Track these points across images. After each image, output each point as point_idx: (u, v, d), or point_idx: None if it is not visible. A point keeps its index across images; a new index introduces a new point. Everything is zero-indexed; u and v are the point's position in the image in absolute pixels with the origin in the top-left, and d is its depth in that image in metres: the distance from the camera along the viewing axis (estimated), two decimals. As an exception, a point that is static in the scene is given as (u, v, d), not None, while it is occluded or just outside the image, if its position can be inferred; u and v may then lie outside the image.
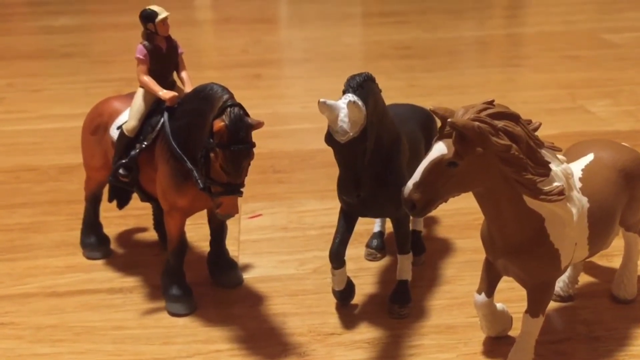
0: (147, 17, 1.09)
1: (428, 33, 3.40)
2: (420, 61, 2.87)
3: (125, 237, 1.40)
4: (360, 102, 0.92)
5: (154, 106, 1.12)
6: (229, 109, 0.96)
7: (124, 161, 1.12)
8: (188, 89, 1.12)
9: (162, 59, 1.12)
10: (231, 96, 0.99)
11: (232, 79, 2.59)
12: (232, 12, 4.10)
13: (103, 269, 1.29)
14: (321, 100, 0.91)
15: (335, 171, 1.02)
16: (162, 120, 1.10)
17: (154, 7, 1.10)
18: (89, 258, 1.31)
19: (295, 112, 2.23)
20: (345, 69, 2.80)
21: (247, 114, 0.98)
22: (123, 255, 1.34)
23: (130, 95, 1.19)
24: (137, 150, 1.11)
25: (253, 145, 0.97)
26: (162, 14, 1.09)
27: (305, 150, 1.88)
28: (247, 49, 3.16)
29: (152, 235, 1.38)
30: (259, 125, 0.97)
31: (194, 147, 1.03)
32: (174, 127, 1.07)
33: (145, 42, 1.11)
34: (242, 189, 0.99)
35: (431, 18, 3.77)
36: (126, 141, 1.12)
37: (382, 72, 2.72)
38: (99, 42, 3.33)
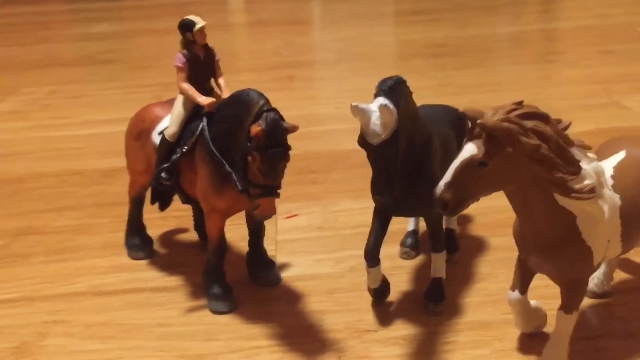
0: (186, 26, 1.14)
1: (461, 30, 3.40)
2: (453, 59, 2.88)
3: (167, 238, 1.45)
4: (391, 105, 0.95)
5: (193, 112, 1.17)
6: (265, 114, 1.00)
7: (165, 165, 1.16)
8: (225, 94, 1.16)
9: (200, 66, 1.16)
10: (267, 101, 1.03)
11: (266, 82, 2.65)
12: (265, 15, 4.16)
13: (147, 268, 1.34)
14: (353, 104, 0.94)
15: (368, 171, 1.04)
16: (201, 125, 1.14)
17: (192, 17, 1.15)
18: (133, 258, 1.36)
19: (329, 113, 2.27)
20: (377, 69, 2.83)
21: (282, 118, 1.02)
22: (165, 255, 1.39)
23: (170, 102, 1.23)
24: (178, 155, 1.15)
25: (289, 148, 1.01)
26: (200, 23, 1.13)
27: (339, 150, 1.91)
28: (279, 51, 3.21)
29: (192, 235, 1.43)
30: (294, 129, 1.01)
31: (232, 151, 1.07)
32: (213, 132, 1.11)
33: (184, 51, 1.15)
34: (278, 191, 1.03)
35: (464, 15, 3.76)
36: (168, 146, 1.16)
37: (414, 71, 2.74)
38: (136, 47, 3.42)
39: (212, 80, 1.20)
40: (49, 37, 3.68)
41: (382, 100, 0.95)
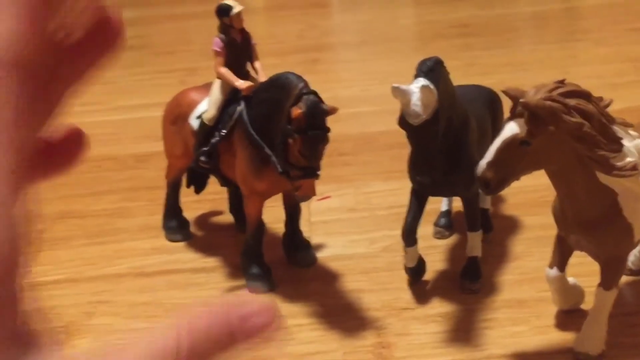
0: (223, 11, 1.15)
1: (484, 10, 3.37)
2: (478, 39, 2.86)
3: (203, 220, 1.48)
4: (432, 86, 0.96)
5: (231, 96, 1.18)
6: (304, 97, 1.01)
7: (205, 148, 1.18)
8: (262, 78, 1.17)
9: (237, 50, 1.17)
10: (306, 84, 1.04)
11: (290, 65, 2.62)
12: (285, -2, 4.15)
13: (185, 250, 1.37)
14: (394, 85, 0.95)
15: (397, 152, 1.06)
16: (238, 109, 1.16)
17: (229, 1, 1.15)
18: (170, 240, 1.39)
19: (355, 95, 2.27)
20: (401, 51, 2.83)
21: (322, 101, 1.03)
22: (202, 237, 1.42)
23: (207, 86, 1.25)
24: (217, 138, 1.17)
25: (328, 130, 1.02)
26: (237, 8, 1.14)
27: (368, 132, 1.92)
28: (302, 34, 3.20)
29: (228, 217, 1.45)
30: (333, 110, 1.02)
31: (271, 133, 1.08)
32: (252, 115, 1.13)
33: (222, 35, 1.16)
34: (318, 172, 1.04)
35: (486, -6, 3.72)
36: (206, 130, 1.18)
37: (439, 52, 2.69)
38: (159, 33, 3.43)
39: (249, 64, 1.22)
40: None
41: (422, 81, 0.96)
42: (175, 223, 1.39)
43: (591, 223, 0.93)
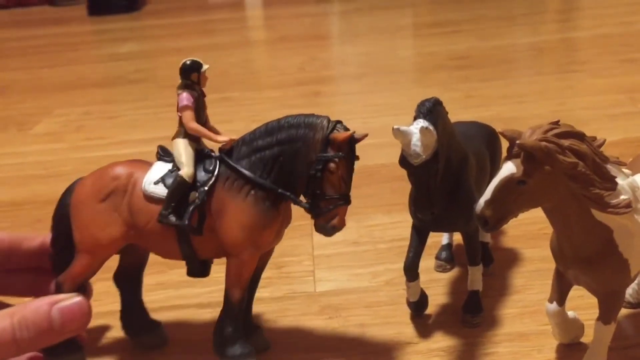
0: (193, 68, 1.09)
1: (482, 42, 3.43)
2: (476, 71, 2.91)
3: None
4: (431, 127, 0.99)
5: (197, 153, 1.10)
6: (338, 125, 1.04)
7: (196, 204, 1.06)
8: (221, 138, 1.10)
9: (200, 110, 1.10)
10: (329, 117, 1.05)
11: (292, 98, 2.70)
12: (285, 31, 4.22)
13: (190, 285, 1.38)
14: (395, 127, 0.98)
15: (398, 185, 1.08)
16: (217, 162, 1.08)
17: (195, 59, 1.10)
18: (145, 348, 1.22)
19: (356, 128, 2.27)
20: (401, 83, 2.87)
21: None
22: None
23: (132, 162, 1.14)
24: (204, 194, 1.06)
25: (358, 157, 1.06)
26: (205, 65, 1.10)
27: (369, 165, 1.95)
28: (303, 66, 3.26)
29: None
30: (364, 137, 1.06)
31: (287, 174, 1.05)
32: (249, 163, 1.06)
33: (188, 90, 1.09)
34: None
35: (483, 26, 3.79)
36: (185, 188, 1.07)
37: (438, 83, 2.77)
38: (163, 67, 3.49)
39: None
40: (77, 59, 3.77)
41: (422, 122, 0.99)
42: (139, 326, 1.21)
43: (588, 259, 0.95)
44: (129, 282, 1.21)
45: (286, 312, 1.26)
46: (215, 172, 1.07)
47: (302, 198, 1.06)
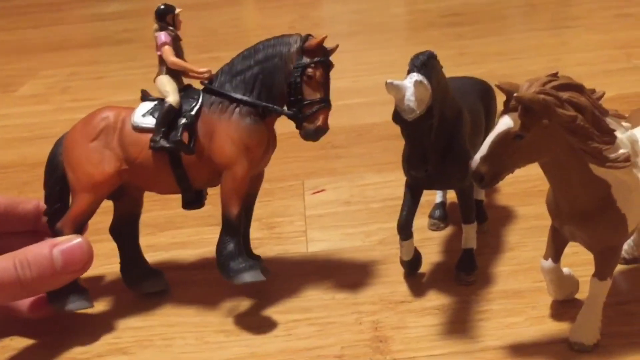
0: (166, 10, 1.15)
1: (475, -3, 3.37)
2: (469, 27, 2.86)
3: (194, 215, 1.47)
4: (425, 81, 0.96)
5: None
6: (309, 37, 1.12)
7: (187, 121, 1.11)
8: (201, 69, 1.15)
9: (177, 49, 1.16)
10: (299, 33, 1.12)
11: (282, 57, 2.65)
12: (276, -12, 4.12)
13: (180, 247, 1.37)
14: (388, 81, 0.95)
15: (390, 144, 1.06)
16: (199, 92, 1.14)
17: (168, 2, 1.16)
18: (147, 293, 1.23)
19: (347, 87, 2.26)
20: (393, 40, 2.82)
21: None
22: (197, 234, 1.42)
23: (118, 107, 1.18)
24: (192, 116, 1.11)
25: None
26: (178, 8, 1.16)
27: (360, 124, 1.92)
28: (293, 25, 3.19)
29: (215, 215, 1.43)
30: (335, 48, 1.15)
31: (271, 88, 1.11)
32: (231, 86, 1.12)
33: (167, 29, 1.15)
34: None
35: (477, -19, 3.71)
36: (173, 114, 1.11)
37: (430, 41, 2.72)
38: (150, 26, 3.41)
39: None
40: (62, 19, 3.68)
41: (416, 76, 0.96)
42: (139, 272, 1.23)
43: (585, 214, 0.93)
44: (125, 232, 1.22)
45: (278, 273, 1.25)
46: (200, 99, 1.13)
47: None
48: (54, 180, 1.18)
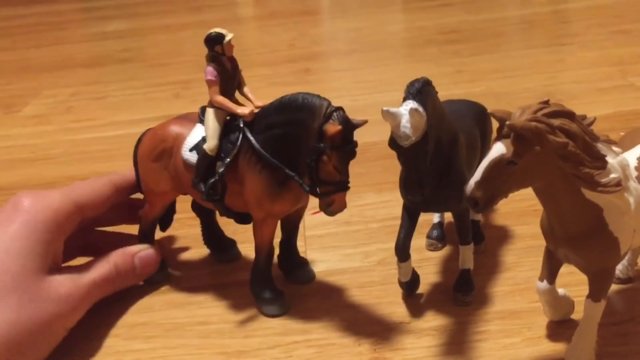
0: (215, 39, 1.13)
1: (472, 15, 3.41)
2: (467, 45, 2.89)
3: (199, 236, 1.49)
4: (420, 108, 0.98)
5: (227, 124, 1.17)
6: (335, 114, 1.05)
7: (214, 179, 1.15)
8: (257, 103, 1.17)
9: (228, 78, 1.16)
10: (329, 102, 1.06)
11: (282, 75, 2.68)
12: (275, 7, 4.17)
13: (183, 268, 1.39)
14: (384, 108, 0.97)
15: (389, 163, 1.07)
16: (240, 135, 1.15)
17: (219, 30, 1.15)
18: (149, 283, 1.33)
19: (346, 106, 2.24)
20: (391, 58, 2.85)
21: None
22: (199, 254, 1.43)
23: (186, 117, 1.24)
24: (223, 168, 1.15)
25: (356, 144, 1.07)
26: (228, 35, 1.14)
27: (359, 143, 1.92)
28: (294, 43, 3.23)
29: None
30: (363, 123, 1.07)
31: (293, 154, 1.09)
32: (263, 139, 1.12)
33: (213, 64, 1.14)
34: (349, 184, 1.08)
35: (474, -1, 3.76)
36: (208, 160, 1.16)
37: (428, 59, 2.76)
38: (152, 45, 3.45)
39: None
40: (64, 38, 3.73)
41: (411, 103, 0.98)
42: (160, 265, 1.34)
43: (578, 238, 0.95)
44: (203, 208, 1.33)
45: (279, 294, 1.26)
46: (237, 144, 1.15)
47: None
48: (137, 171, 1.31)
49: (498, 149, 0.89)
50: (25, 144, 2.20)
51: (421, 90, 1.00)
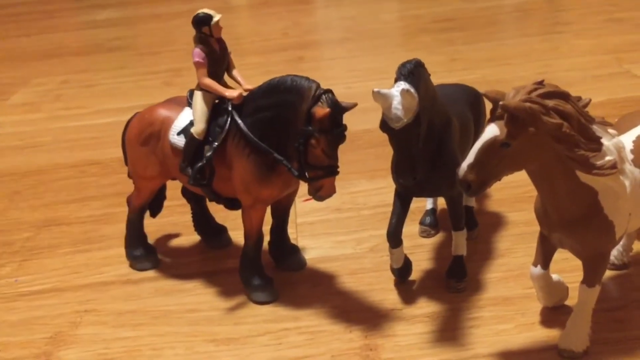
0: (203, 20, 1.11)
1: (467, 3, 3.38)
2: (461, 33, 2.87)
3: (190, 223, 1.47)
4: (412, 89, 0.96)
5: (215, 107, 1.15)
6: (324, 97, 1.02)
7: (201, 164, 1.13)
8: (246, 86, 1.15)
9: (217, 60, 1.14)
10: (319, 84, 1.04)
11: (275, 64, 2.65)
12: (268, -5, 4.13)
13: (171, 255, 1.37)
14: (375, 89, 0.95)
15: (381, 151, 1.06)
16: (228, 119, 1.12)
17: (207, 10, 1.13)
18: (140, 270, 1.31)
19: (339, 93, 2.21)
20: (385, 47, 2.83)
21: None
22: (189, 241, 1.41)
23: (174, 100, 1.22)
24: (211, 152, 1.12)
25: (346, 127, 1.04)
26: (216, 16, 1.12)
27: (352, 131, 1.87)
28: (287, 31, 3.20)
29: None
30: (353, 107, 1.04)
31: (280, 138, 1.07)
32: (251, 122, 1.10)
33: (201, 46, 1.12)
34: (338, 169, 1.06)
35: (469, -13, 3.73)
36: (196, 144, 1.13)
37: (422, 47, 2.73)
38: (143, 33, 3.42)
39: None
40: (55, 27, 3.68)
41: (403, 84, 0.96)
42: (142, 251, 1.31)
43: (573, 222, 0.93)
44: (193, 194, 1.30)
45: (269, 281, 1.25)
46: (226, 128, 1.12)
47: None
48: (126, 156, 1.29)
49: (491, 130, 0.87)
50: (14, 131, 2.17)
51: (413, 72, 0.98)
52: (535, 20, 3.07)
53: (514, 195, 1.46)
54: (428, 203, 1.39)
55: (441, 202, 1.39)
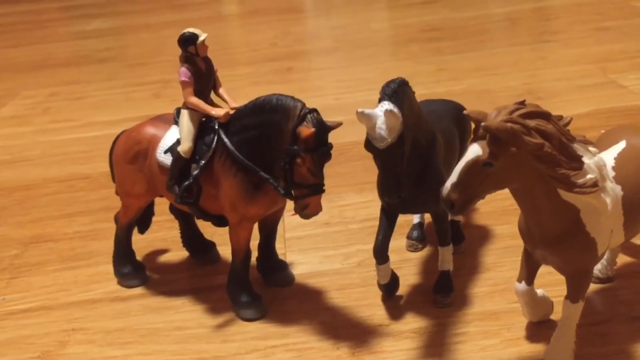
0: (188, 40, 1.12)
1: (455, 13, 3.41)
2: (449, 43, 2.89)
3: (178, 240, 1.47)
4: (396, 110, 0.97)
5: (202, 125, 1.15)
6: (309, 116, 1.03)
7: (188, 182, 1.14)
8: (233, 104, 1.16)
9: (203, 79, 1.15)
10: (304, 104, 1.05)
11: (264, 74, 2.66)
12: (259, 4, 4.14)
13: (159, 272, 1.37)
14: (359, 110, 0.96)
15: (370, 163, 1.06)
16: (215, 137, 1.13)
17: (192, 30, 1.13)
18: (127, 287, 1.31)
19: (328, 105, 2.28)
20: (374, 57, 2.84)
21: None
22: (177, 257, 1.42)
23: (161, 118, 1.23)
24: (198, 170, 1.13)
25: (332, 146, 1.05)
26: (202, 36, 1.12)
27: (340, 143, 1.89)
28: (276, 41, 3.21)
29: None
30: (338, 126, 1.05)
31: (266, 156, 1.08)
32: (238, 141, 1.11)
33: (187, 65, 1.13)
34: (324, 187, 1.07)
35: (458, -4, 3.76)
36: (182, 163, 1.14)
37: (411, 57, 2.75)
38: (133, 44, 3.42)
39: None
40: (44, 37, 3.68)
41: (387, 104, 0.97)
42: (130, 268, 1.32)
43: (555, 239, 0.94)
44: (181, 211, 1.31)
45: (257, 297, 1.25)
46: (212, 146, 1.13)
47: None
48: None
49: (474, 150, 0.88)
50: (3, 145, 2.17)
51: (397, 91, 0.99)
52: (523, 29, 3.09)
53: (501, 208, 1.47)
54: (415, 217, 1.40)
55: (428, 215, 1.40)
